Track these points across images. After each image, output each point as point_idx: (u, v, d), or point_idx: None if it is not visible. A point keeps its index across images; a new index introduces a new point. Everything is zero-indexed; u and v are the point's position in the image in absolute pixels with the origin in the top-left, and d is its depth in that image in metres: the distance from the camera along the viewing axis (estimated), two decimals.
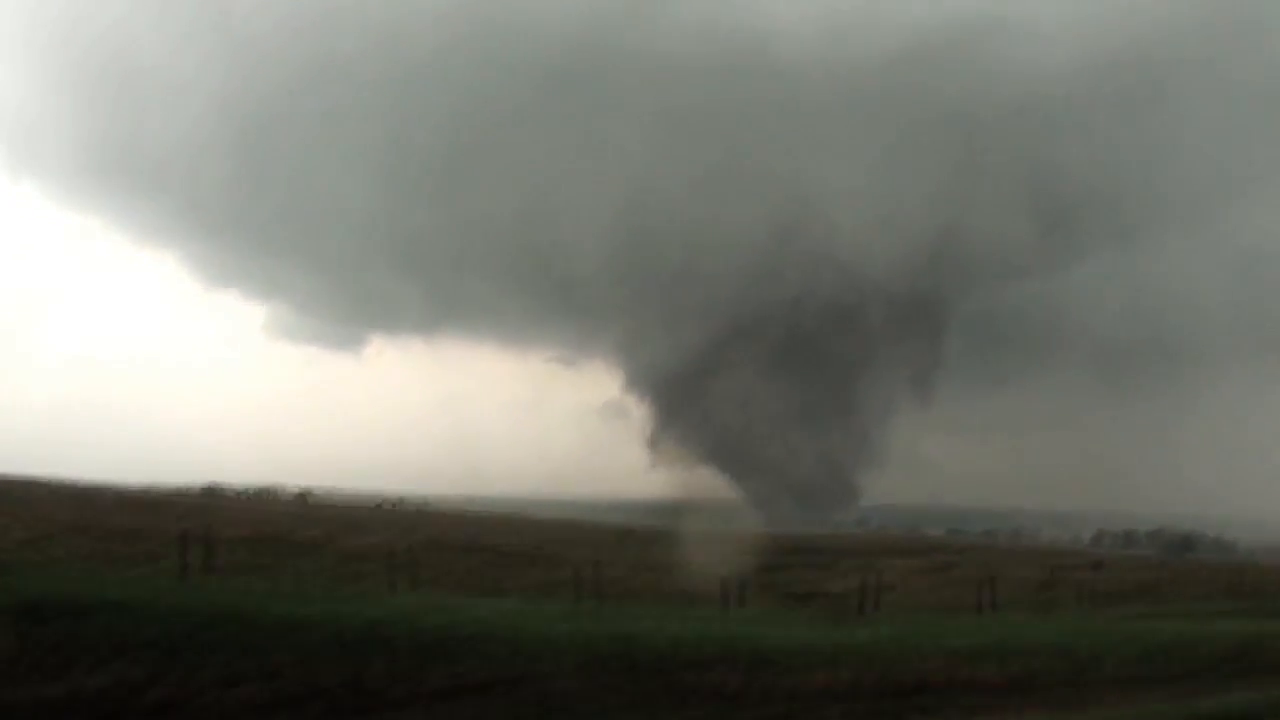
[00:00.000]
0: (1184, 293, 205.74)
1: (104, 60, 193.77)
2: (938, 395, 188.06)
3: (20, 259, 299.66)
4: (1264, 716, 11.54)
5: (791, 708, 10.66)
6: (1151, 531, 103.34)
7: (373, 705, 9.56)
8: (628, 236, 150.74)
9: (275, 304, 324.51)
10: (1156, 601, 32.81)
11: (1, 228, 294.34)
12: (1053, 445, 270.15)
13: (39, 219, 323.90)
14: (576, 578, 25.05)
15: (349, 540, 35.86)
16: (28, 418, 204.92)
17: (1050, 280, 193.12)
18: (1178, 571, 47.04)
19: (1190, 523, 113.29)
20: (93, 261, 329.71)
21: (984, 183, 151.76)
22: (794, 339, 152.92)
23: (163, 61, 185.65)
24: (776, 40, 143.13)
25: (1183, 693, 12.36)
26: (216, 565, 23.15)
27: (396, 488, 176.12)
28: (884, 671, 12.11)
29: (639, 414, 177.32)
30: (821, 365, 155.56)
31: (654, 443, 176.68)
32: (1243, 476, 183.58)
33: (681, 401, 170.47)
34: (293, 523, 41.95)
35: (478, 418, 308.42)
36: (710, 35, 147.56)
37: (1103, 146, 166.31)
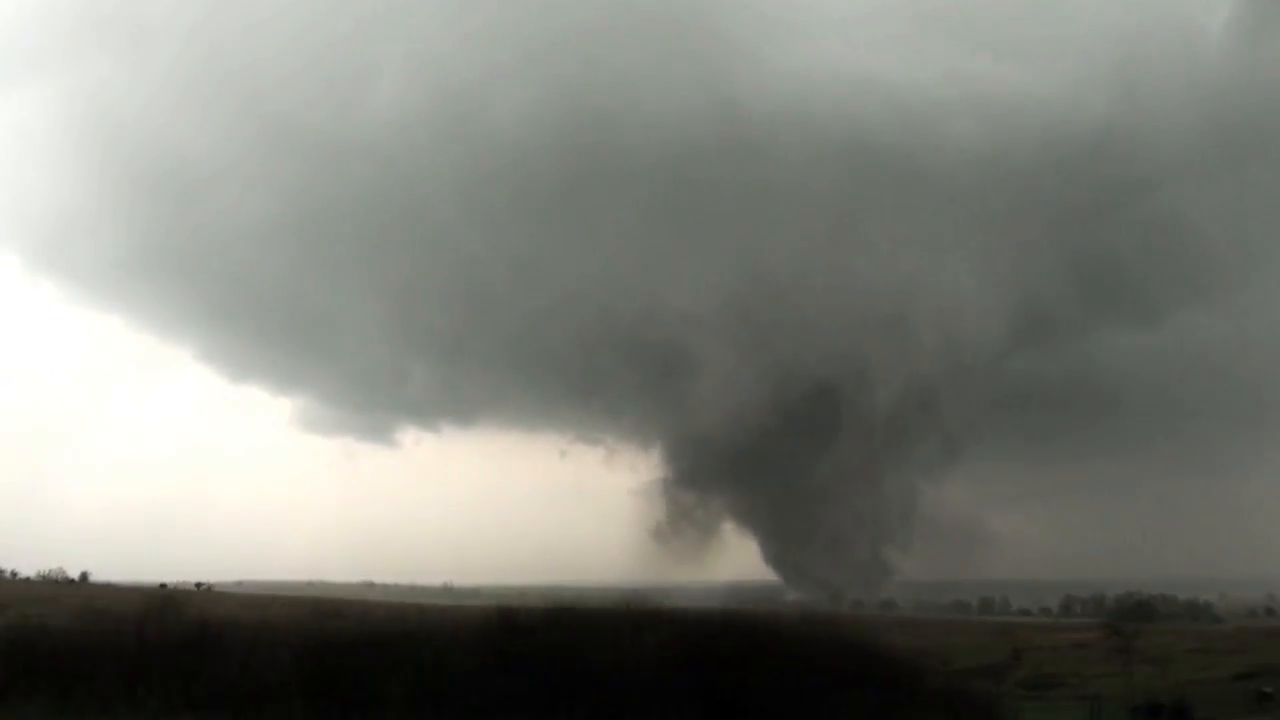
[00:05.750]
0: (1195, 361, 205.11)
1: (144, 156, 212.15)
2: (979, 470, 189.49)
3: (45, 362, 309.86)
4: None
5: None
6: (1120, 596, 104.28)
7: None
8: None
9: (298, 397, 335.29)
10: None
11: (21, 329, 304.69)
12: (1072, 514, 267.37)
13: (60, 319, 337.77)
14: None
15: None
16: (68, 520, 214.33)
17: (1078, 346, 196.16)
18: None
19: (1180, 587, 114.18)
20: (115, 360, 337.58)
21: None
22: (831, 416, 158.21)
23: (203, 155, 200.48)
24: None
25: None
26: None
27: (444, 579, 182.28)
28: None
29: (675, 494, 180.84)
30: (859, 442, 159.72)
31: (682, 521, 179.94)
32: (1240, 539, 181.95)
33: (721, 477, 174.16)
34: None
35: (514, 505, 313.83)
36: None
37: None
